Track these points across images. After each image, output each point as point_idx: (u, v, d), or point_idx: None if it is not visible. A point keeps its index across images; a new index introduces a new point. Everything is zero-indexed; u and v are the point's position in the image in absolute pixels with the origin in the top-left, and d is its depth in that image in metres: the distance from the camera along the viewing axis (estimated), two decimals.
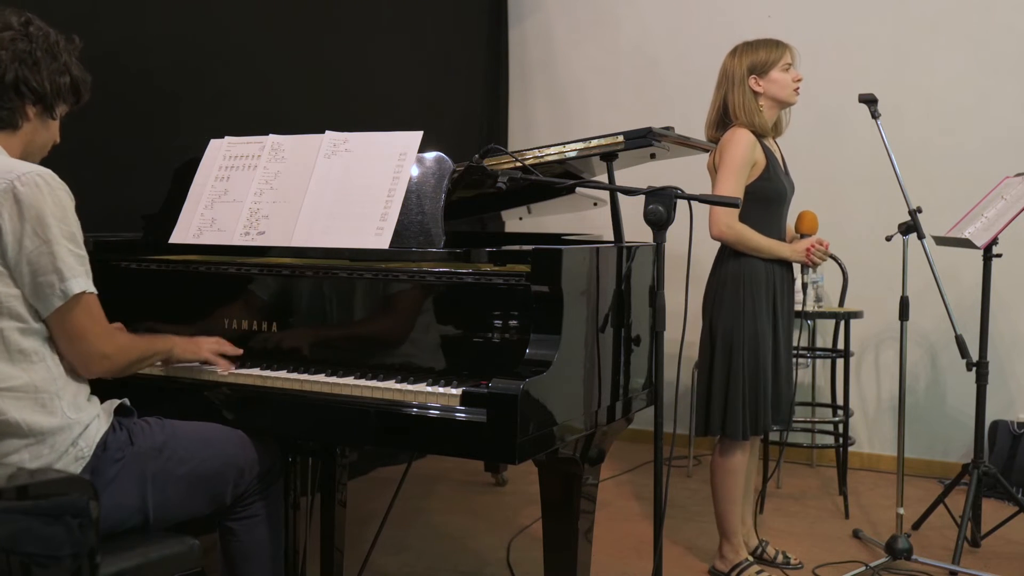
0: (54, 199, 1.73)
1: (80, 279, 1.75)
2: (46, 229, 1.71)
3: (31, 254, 1.71)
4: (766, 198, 2.90)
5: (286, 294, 2.22)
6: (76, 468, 1.77)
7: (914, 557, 3.01)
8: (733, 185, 2.83)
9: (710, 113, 3.02)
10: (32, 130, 1.86)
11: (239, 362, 2.16)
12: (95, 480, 1.77)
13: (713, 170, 2.96)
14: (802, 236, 3.05)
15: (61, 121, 1.94)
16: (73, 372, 1.83)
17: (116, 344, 1.85)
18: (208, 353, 2.12)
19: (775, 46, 2.93)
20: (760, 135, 2.92)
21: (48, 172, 1.75)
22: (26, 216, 1.70)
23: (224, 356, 2.15)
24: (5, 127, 1.82)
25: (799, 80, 2.95)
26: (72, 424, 1.77)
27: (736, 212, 2.84)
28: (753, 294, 2.89)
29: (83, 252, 1.78)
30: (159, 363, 2.10)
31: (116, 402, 1.91)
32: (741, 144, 2.85)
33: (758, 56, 2.91)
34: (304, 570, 2.38)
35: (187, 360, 2.10)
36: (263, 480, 2.06)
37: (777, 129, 3.05)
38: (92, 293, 1.79)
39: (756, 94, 2.91)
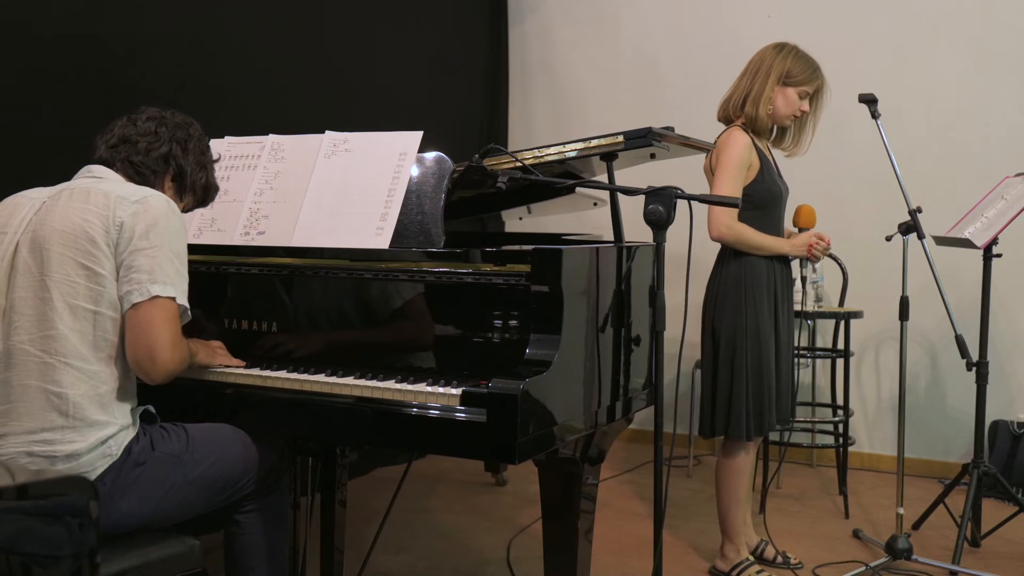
0: (172, 221, 1.88)
1: (169, 287, 1.83)
2: (159, 235, 1.84)
3: (136, 252, 1.82)
4: (762, 200, 2.91)
5: (286, 294, 2.22)
6: (103, 464, 1.80)
7: (914, 557, 3.01)
8: (731, 185, 2.84)
9: (735, 95, 2.97)
10: None
11: None
12: (116, 483, 1.81)
13: (710, 172, 2.97)
14: (800, 230, 3.05)
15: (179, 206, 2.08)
16: (131, 381, 1.89)
17: (180, 354, 1.89)
18: (223, 358, 2.16)
19: (813, 71, 2.92)
20: (756, 133, 2.93)
21: (174, 203, 1.92)
22: (146, 220, 1.84)
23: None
24: (144, 184, 1.99)
25: (803, 112, 2.95)
26: (112, 423, 1.83)
27: (735, 212, 2.84)
28: (755, 293, 2.88)
29: (185, 272, 1.89)
30: None
31: (141, 409, 1.94)
32: (738, 145, 2.86)
33: (796, 67, 2.90)
34: (304, 570, 2.38)
35: (206, 365, 2.12)
36: (267, 477, 2.07)
37: (782, 141, 3.05)
38: (177, 303, 1.85)
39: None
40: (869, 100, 3.01)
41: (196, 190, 2.10)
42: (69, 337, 1.79)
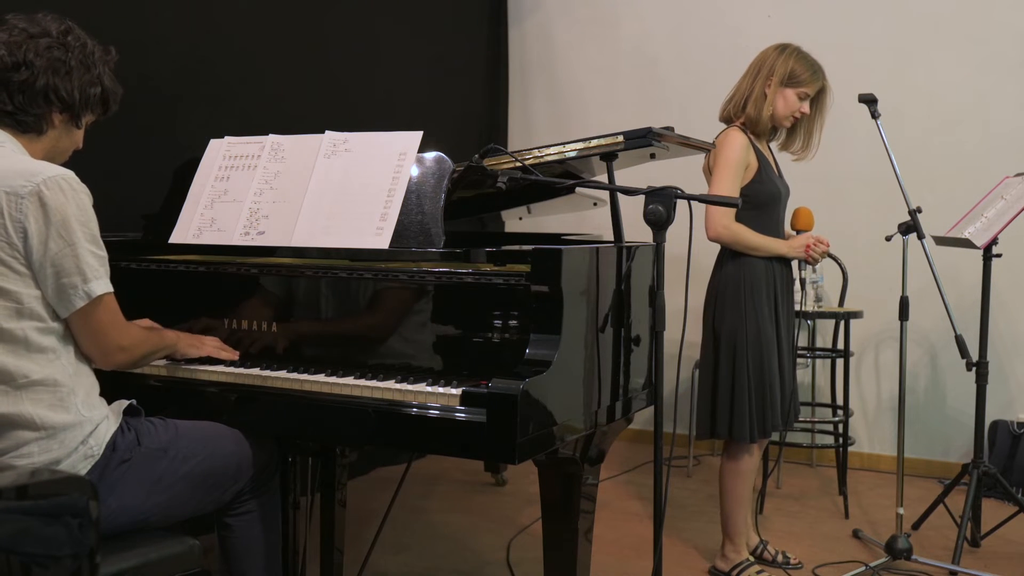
0: (77, 202, 1.77)
1: (102, 280, 1.79)
2: (70, 232, 1.75)
3: (55, 256, 1.74)
4: (759, 201, 2.91)
5: (286, 294, 2.22)
6: (85, 466, 1.78)
7: (914, 557, 3.01)
8: (728, 186, 2.84)
9: (736, 96, 2.98)
10: (56, 136, 1.91)
11: (240, 362, 2.17)
12: (103, 480, 1.79)
13: (708, 172, 2.98)
14: (798, 232, 3.05)
15: (86, 129, 1.98)
16: (86, 369, 1.86)
17: (132, 337, 1.90)
18: (211, 349, 2.14)
19: (814, 73, 2.92)
20: (756, 134, 2.93)
21: (71, 175, 1.79)
22: (51, 220, 1.73)
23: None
24: (30, 131, 1.86)
25: (803, 114, 2.95)
26: (84, 421, 1.79)
27: (732, 213, 2.85)
28: (754, 294, 2.89)
29: (103, 253, 1.82)
30: (163, 359, 2.12)
31: (125, 403, 1.93)
32: (735, 145, 2.87)
33: (797, 68, 2.90)
34: (304, 570, 2.38)
35: (190, 355, 2.12)
36: (260, 477, 2.07)
37: (791, 144, 3.05)
38: (111, 293, 1.83)
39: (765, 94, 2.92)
40: (869, 100, 3.01)
41: (93, 107, 1.93)
42: (6, 363, 1.74)
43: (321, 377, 2.03)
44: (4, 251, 1.73)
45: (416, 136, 2.23)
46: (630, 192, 2.18)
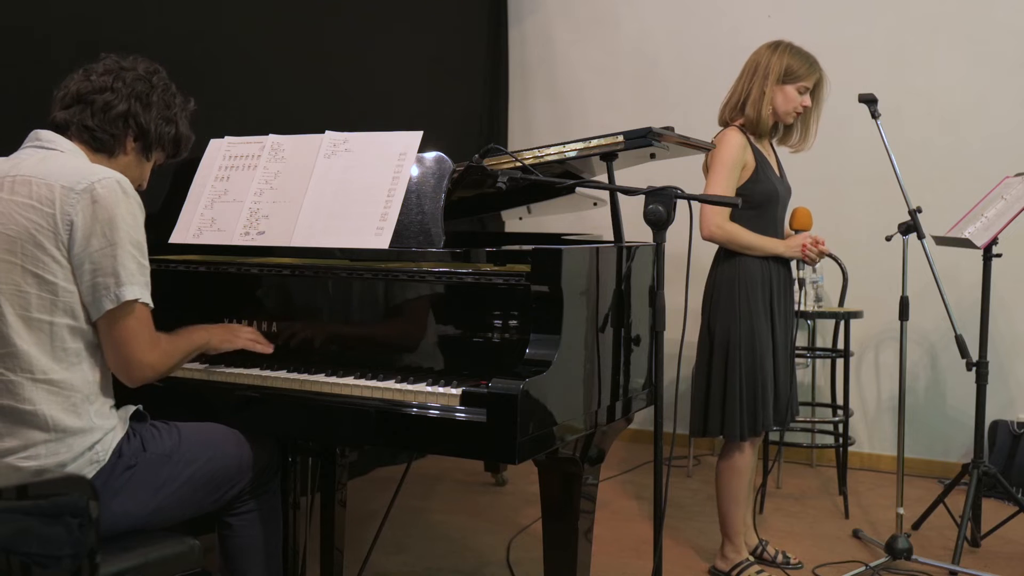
0: (128, 207, 1.78)
1: (136, 287, 1.78)
2: (115, 231, 1.75)
3: (95, 253, 1.75)
4: (756, 200, 2.91)
5: (286, 294, 2.22)
6: (91, 471, 1.78)
7: (914, 557, 3.01)
8: (723, 185, 2.85)
9: (732, 99, 2.99)
10: (126, 164, 1.95)
11: (240, 362, 2.16)
12: (108, 486, 1.79)
13: (706, 171, 2.98)
14: (796, 232, 3.05)
15: (154, 168, 2.03)
16: (106, 381, 1.85)
17: (160, 351, 1.87)
18: (245, 341, 2.12)
19: (810, 65, 2.92)
20: (756, 135, 2.93)
21: (127, 181, 1.82)
22: (99, 216, 1.75)
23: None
24: (103, 150, 1.91)
25: (805, 107, 2.95)
26: (94, 429, 1.79)
27: (727, 212, 2.85)
28: (749, 294, 2.89)
29: (146, 263, 1.82)
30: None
31: (131, 408, 1.93)
32: (731, 145, 2.87)
33: (793, 63, 2.90)
34: (304, 570, 2.38)
35: (224, 350, 2.10)
36: (260, 477, 2.07)
37: (789, 138, 3.05)
38: (146, 303, 1.81)
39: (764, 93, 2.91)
40: (869, 100, 3.01)
41: (164, 145, 2.00)
42: (29, 352, 1.74)
43: (321, 377, 2.03)
44: (50, 241, 1.74)
45: (416, 136, 2.23)
46: (630, 192, 2.18)
